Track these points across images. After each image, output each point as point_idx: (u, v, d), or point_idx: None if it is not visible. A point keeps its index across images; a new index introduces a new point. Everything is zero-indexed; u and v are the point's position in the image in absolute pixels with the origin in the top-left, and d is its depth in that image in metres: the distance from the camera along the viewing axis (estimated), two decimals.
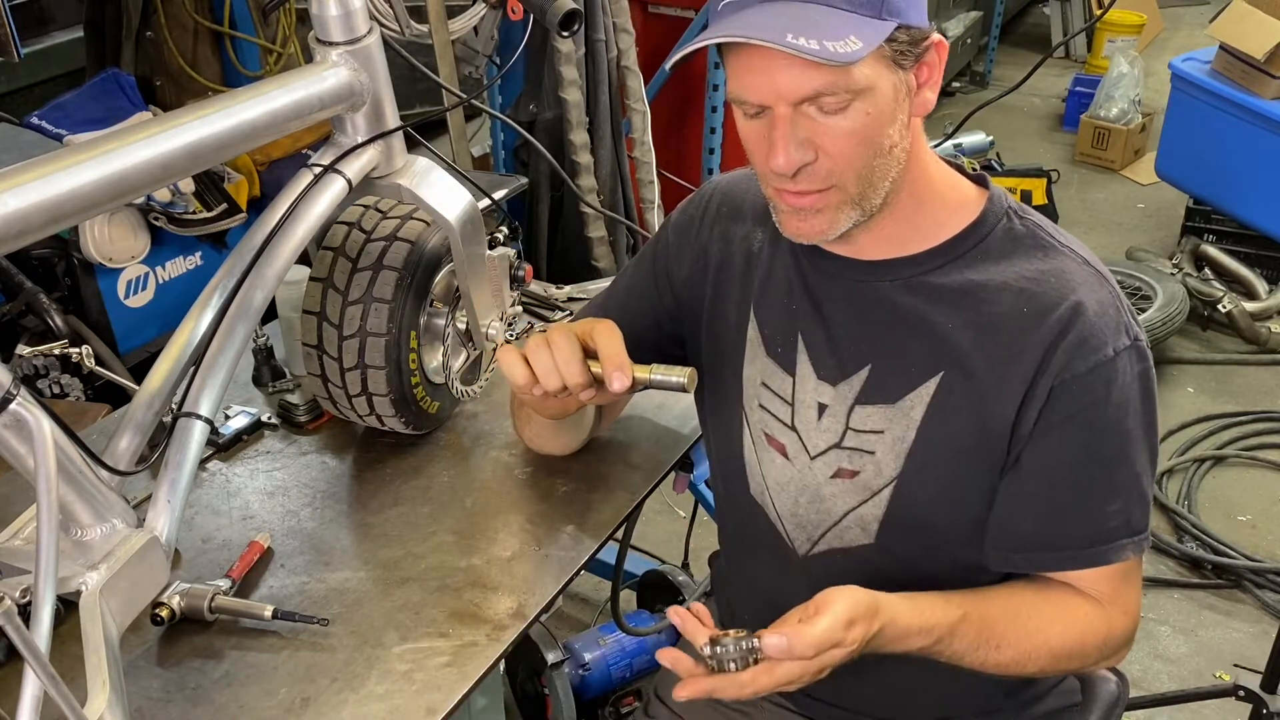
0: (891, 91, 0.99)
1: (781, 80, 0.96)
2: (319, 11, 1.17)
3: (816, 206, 1.03)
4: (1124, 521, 1.08)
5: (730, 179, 1.30)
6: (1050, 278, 1.07)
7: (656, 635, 2.14)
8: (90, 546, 1.02)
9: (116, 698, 0.92)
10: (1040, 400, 1.05)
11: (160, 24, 3.06)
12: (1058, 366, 1.04)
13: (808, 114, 0.98)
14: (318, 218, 1.19)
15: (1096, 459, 1.07)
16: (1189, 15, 6.89)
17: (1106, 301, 1.06)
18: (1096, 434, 1.06)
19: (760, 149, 1.02)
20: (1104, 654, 1.12)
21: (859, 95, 0.97)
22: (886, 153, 1.01)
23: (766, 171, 1.04)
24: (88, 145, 0.94)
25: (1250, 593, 2.63)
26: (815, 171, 1.01)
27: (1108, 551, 1.08)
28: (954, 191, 1.12)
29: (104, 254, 2.54)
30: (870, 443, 1.13)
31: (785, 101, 0.97)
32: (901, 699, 1.25)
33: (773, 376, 1.19)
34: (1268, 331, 3.60)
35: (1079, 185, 4.87)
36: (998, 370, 1.06)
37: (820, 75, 0.94)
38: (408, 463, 1.46)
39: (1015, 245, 1.09)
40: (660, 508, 2.85)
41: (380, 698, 1.10)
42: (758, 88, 0.98)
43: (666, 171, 3.18)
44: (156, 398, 1.12)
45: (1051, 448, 1.07)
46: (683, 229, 1.29)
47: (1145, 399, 1.07)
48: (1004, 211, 1.11)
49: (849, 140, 0.99)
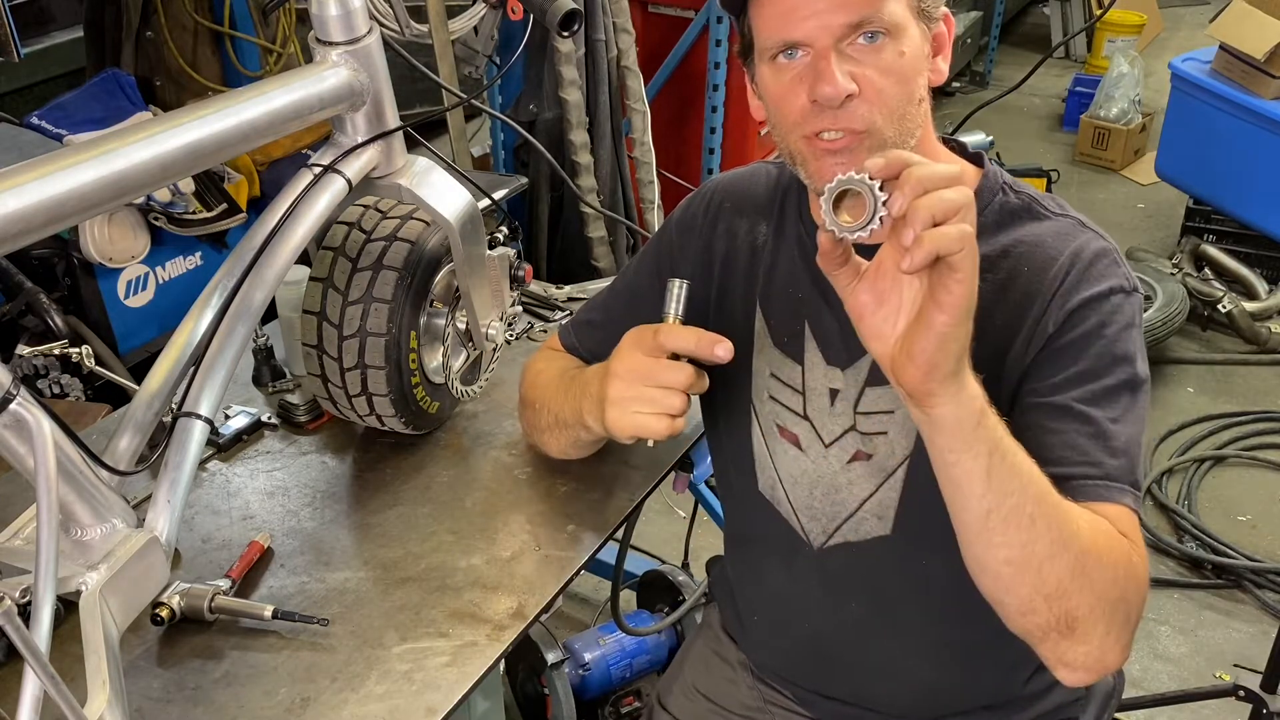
0: (920, 40, 1.03)
1: (824, 8, 0.99)
2: (319, 11, 1.17)
3: (850, 146, 1.03)
4: (1127, 464, 1.02)
5: (730, 176, 1.31)
6: (1048, 237, 1.09)
7: (656, 635, 2.15)
8: (90, 546, 1.02)
9: (116, 698, 0.92)
10: (1046, 335, 1.05)
11: (160, 24, 3.06)
12: (1061, 301, 1.05)
13: (847, 51, 1.01)
14: (317, 218, 1.19)
15: (1092, 389, 1.03)
16: (1189, 15, 6.90)
17: (1104, 250, 1.08)
18: (1091, 362, 1.04)
19: (794, 94, 1.03)
20: (1126, 583, 0.98)
21: (893, 32, 1.00)
22: (917, 103, 1.04)
23: (803, 116, 1.04)
24: (88, 145, 0.94)
25: (1250, 593, 2.63)
26: (854, 110, 1.01)
27: (1113, 490, 1.01)
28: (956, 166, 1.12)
29: (104, 254, 2.55)
30: (882, 423, 1.13)
31: (829, 33, 1.00)
32: (912, 696, 1.25)
33: (781, 366, 1.19)
34: (1268, 331, 3.60)
35: (1079, 185, 4.87)
36: (1008, 332, 1.07)
37: (862, 5, 0.99)
38: (408, 463, 1.46)
39: (1012, 217, 1.11)
40: (660, 508, 2.85)
41: (380, 698, 1.10)
42: (801, 23, 1.00)
43: (666, 171, 3.18)
44: (156, 398, 1.12)
45: (1045, 375, 1.05)
46: (686, 226, 1.30)
47: (1140, 353, 1.05)
48: (999, 186, 1.13)
49: (889, 77, 1.01)
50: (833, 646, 1.26)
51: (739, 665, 1.39)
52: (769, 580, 1.30)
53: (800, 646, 1.29)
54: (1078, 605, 0.95)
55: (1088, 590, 0.95)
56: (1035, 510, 0.93)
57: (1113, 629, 0.97)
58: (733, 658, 1.40)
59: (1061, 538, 0.94)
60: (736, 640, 1.40)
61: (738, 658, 1.40)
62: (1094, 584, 0.95)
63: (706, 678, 1.42)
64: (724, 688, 1.40)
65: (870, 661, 1.24)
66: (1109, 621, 0.97)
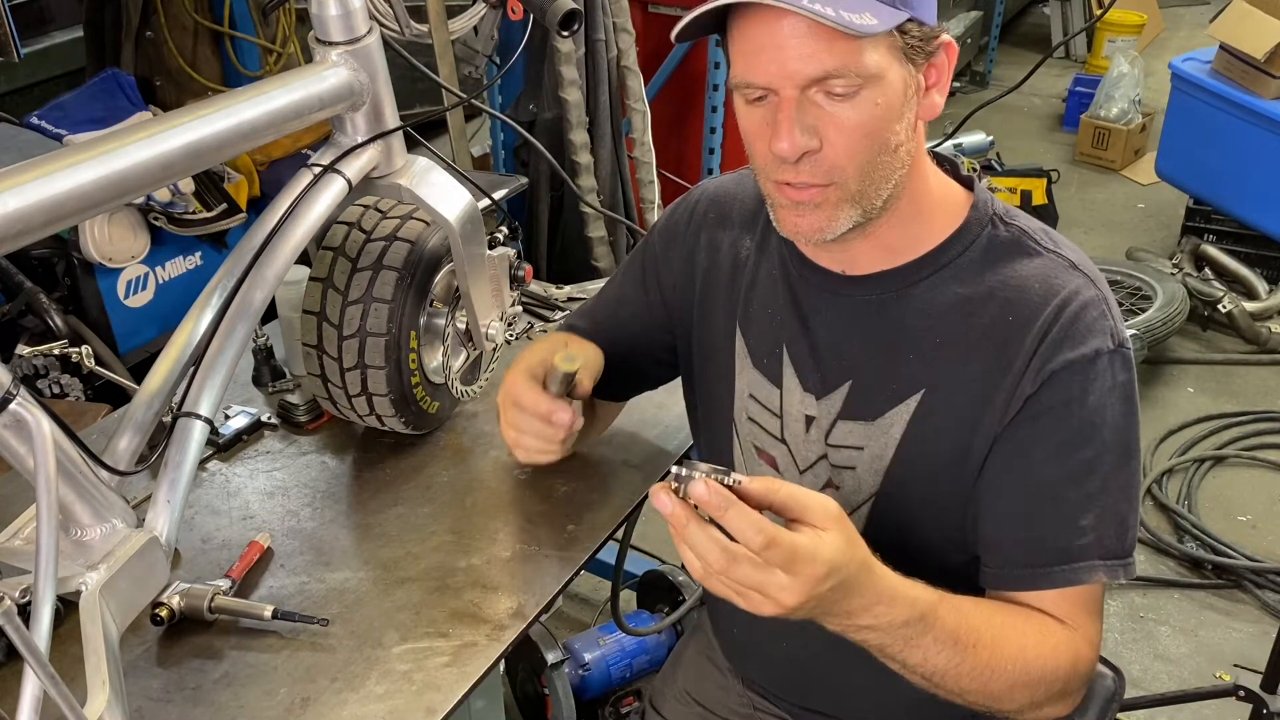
0: (901, 86, 0.96)
1: (791, 58, 0.92)
2: (319, 11, 1.17)
3: (815, 201, 0.99)
4: (1095, 540, 1.02)
5: (718, 184, 1.27)
6: (1034, 283, 1.03)
7: (656, 635, 2.15)
8: (90, 546, 1.02)
9: (116, 698, 0.92)
10: (1025, 396, 1.02)
11: (160, 24, 3.06)
12: (1040, 361, 1.01)
13: (815, 100, 0.95)
14: (317, 218, 1.19)
15: (1066, 463, 1.02)
16: (1189, 15, 6.90)
17: (1092, 302, 1.03)
18: (1068, 434, 1.01)
19: (761, 137, 0.99)
20: (1070, 682, 1.03)
21: (869, 83, 0.93)
22: (892, 151, 0.98)
23: (767, 162, 1.00)
24: (88, 145, 0.94)
25: (1250, 593, 2.63)
26: (819, 162, 0.97)
27: (1079, 570, 1.02)
28: (948, 197, 1.09)
29: (104, 254, 2.55)
30: (850, 458, 1.12)
31: (793, 83, 0.94)
32: (904, 710, 1.23)
33: (760, 389, 1.18)
34: (1268, 331, 3.61)
35: (1079, 185, 4.87)
36: (986, 384, 1.03)
37: (831, 56, 0.92)
38: (408, 463, 1.46)
39: (1000, 252, 1.06)
40: None
41: (380, 698, 1.10)
42: (764, 67, 0.94)
43: (666, 171, 3.18)
44: (156, 398, 1.12)
45: (1021, 443, 1.03)
46: (669, 234, 1.27)
47: (1126, 415, 1.02)
48: (988, 218, 1.08)
49: (855, 132, 0.95)
50: (815, 666, 1.25)
51: (730, 673, 1.38)
52: None
53: (782, 665, 1.28)
54: (1031, 693, 1.01)
55: (1036, 682, 1.01)
56: (978, 636, 0.98)
57: (1063, 700, 1.05)
58: (724, 664, 1.39)
59: (1008, 650, 0.99)
60: (724, 649, 1.39)
61: (728, 665, 1.38)
62: (1044, 679, 1.01)
63: (699, 683, 1.41)
64: (715, 694, 1.39)
65: (854, 681, 1.22)
66: (1060, 697, 1.04)
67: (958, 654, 0.96)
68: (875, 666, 1.19)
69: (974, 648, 0.97)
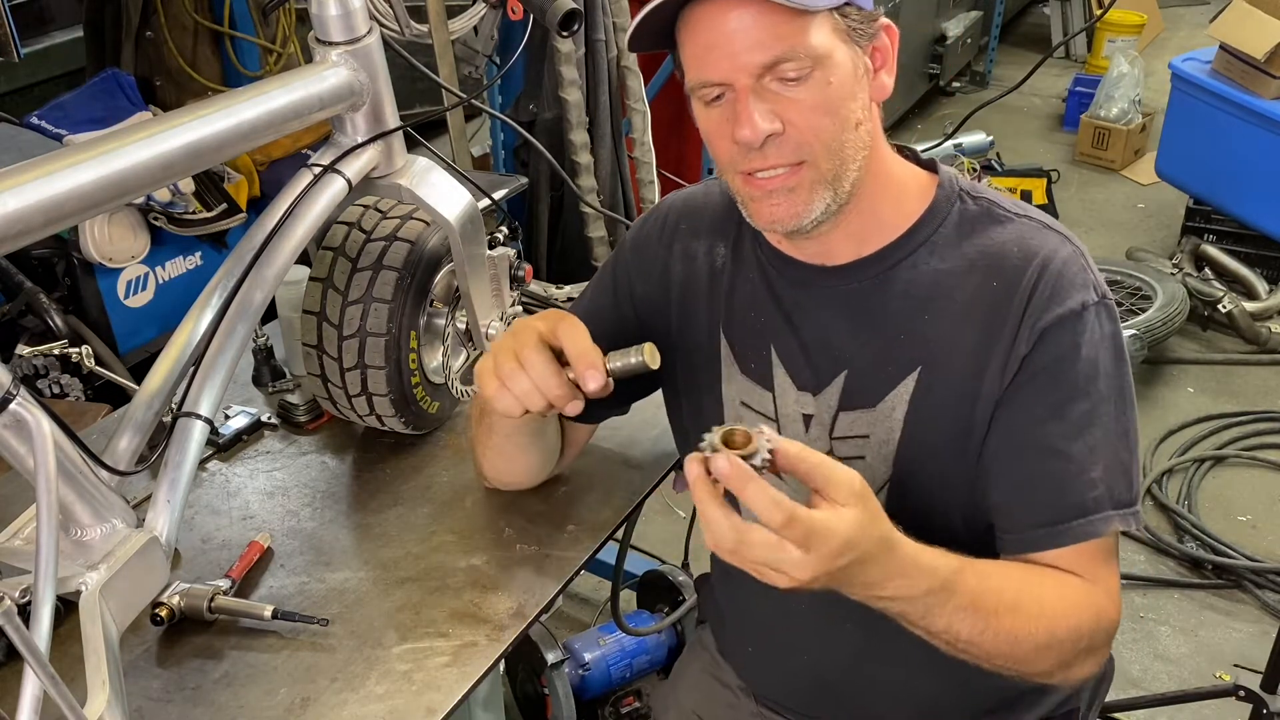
0: (850, 65, 1.00)
1: (741, 49, 0.96)
2: (319, 11, 1.17)
3: (788, 185, 1.01)
4: (1107, 490, 1.03)
5: (686, 194, 1.27)
6: (1012, 248, 1.06)
7: (656, 635, 2.15)
8: (90, 546, 1.02)
9: (116, 698, 0.92)
10: (1020, 357, 1.04)
11: (160, 24, 3.07)
12: (1031, 320, 1.03)
13: (770, 88, 0.98)
14: (317, 218, 1.19)
15: (1067, 418, 1.03)
16: (1189, 15, 6.89)
17: (1070, 257, 1.05)
18: (1066, 389, 1.03)
19: (723, 134, 1.02)
20: (1095, 637, 1.04)
21: (819, 64, 0.97)
22: (854, 128, 1.01)
23: (732, 156, 1.02)
24: (88, 145, 0.94)
25: (1250, 593, 2.63)
26: (784, 143, 1.00)
27: (1095, 522, 1.03)
28: (913, 179, 1.12)
29: (104, 254, 2.55)
30: (858, 447, 1.12)
31: (747, 73, 0.97)
32: (919, 712, 1.23)
33: (751, 394, 1.17)
34: (1268, 331, 3.60)
35: (1079, 185, 4.87)
36: (981, 353, 1.05)
37: (779, 41, 0.96)
38: (408, 463, 1.46)
39: (973, 224, 1.09)
40: (660, 508, 2.85)
41: (380, 698, 1.10)
42: (717, 63, 0.98)
43: (666, 171, 3.17)
44: (156, 398, 1.12)
45: (1022, 404, 1.04)
46: (641, 245, 1.26)
47: (1117, 364, 1.05)
48: (955, 194, 1.11)
49: (814, 111, 0.99)
50: (832, 674, 1.24)
51: (740, 691, 1.36)
52: (760, 612, 1.28)
53: (798, 677, 1.28)
54: (1059, 652, 1.01)
55: (1062, 643, 1.01)
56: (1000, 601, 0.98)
57: (1090, 657, 1.04)
58: (732, 682, 1.37)
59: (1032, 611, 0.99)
60: (734, 666, 1.37)
61: (737, 683, 1.36)
62: (1069, 639, 1.01)
63: (708, 704, 1.39)
64: (725, 713, 1.37)
65: (872, 685, 1.22)
66: (1087, 654, 1.04)
67: (981, 620, 0.97)
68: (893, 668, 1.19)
69: (996, 614, 0.98)
